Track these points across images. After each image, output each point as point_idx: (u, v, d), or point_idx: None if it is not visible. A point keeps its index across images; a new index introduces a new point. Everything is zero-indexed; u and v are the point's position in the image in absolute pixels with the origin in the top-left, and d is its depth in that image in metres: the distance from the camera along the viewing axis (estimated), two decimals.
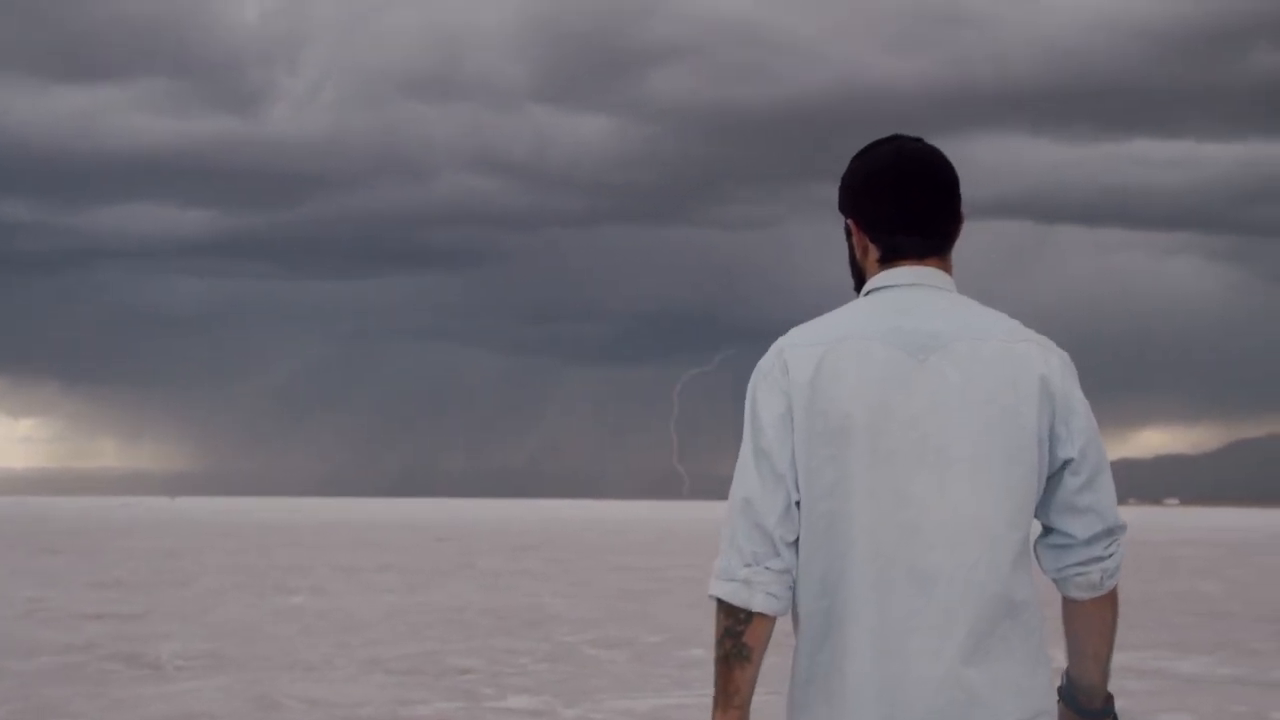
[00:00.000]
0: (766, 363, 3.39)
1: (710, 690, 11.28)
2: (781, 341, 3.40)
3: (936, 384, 3.28)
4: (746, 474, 3.33)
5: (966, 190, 3.56)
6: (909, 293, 3.40)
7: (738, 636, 3.32)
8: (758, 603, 3.28)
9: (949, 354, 3.30)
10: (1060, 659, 3.52)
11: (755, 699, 3.34)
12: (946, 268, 3.47)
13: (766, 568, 3.29)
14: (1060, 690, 3.51)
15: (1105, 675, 3.51)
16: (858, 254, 3.53)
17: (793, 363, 3.33)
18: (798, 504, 3.30)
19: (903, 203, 3.42)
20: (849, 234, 3.54)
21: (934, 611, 3.23)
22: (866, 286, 3.48)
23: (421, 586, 28.52)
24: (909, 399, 3.28)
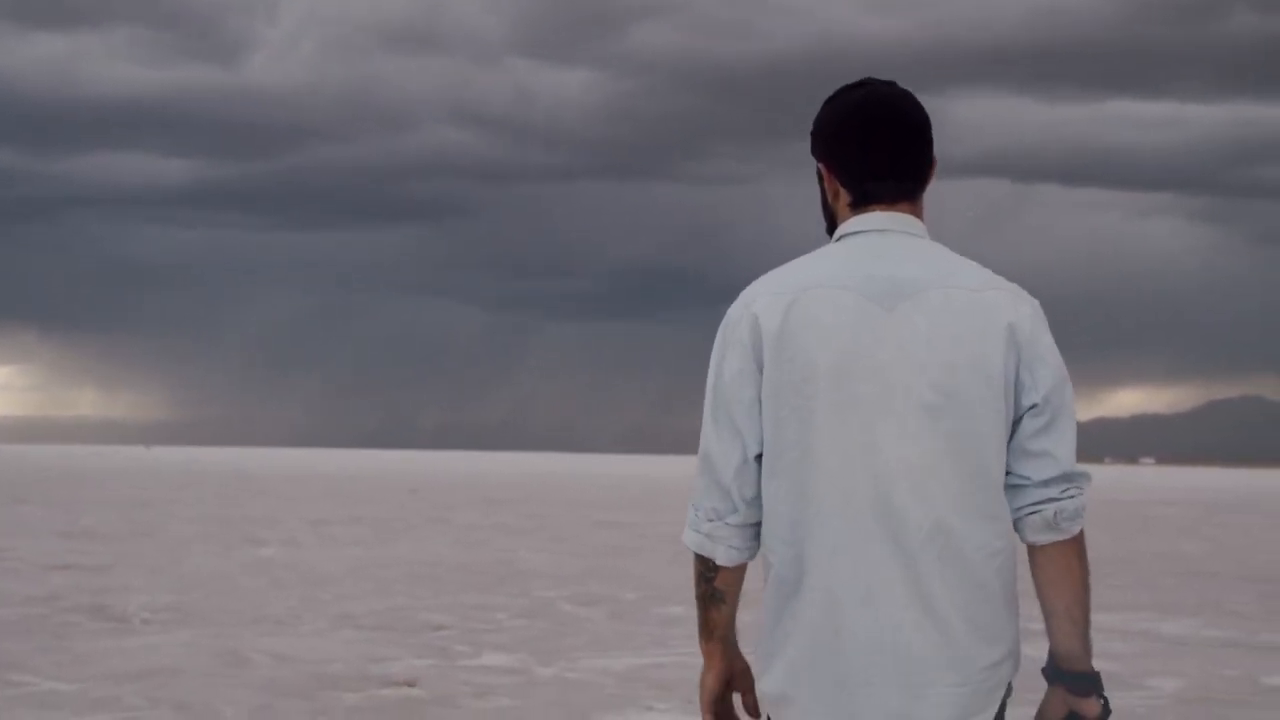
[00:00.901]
0: (734, 313, 3.40)
1: (689, 648, 10.91)
2: (749, 290, 3.40)
3: (905, 332, 3.29)
4: (706, 429, 3.40)
5: (946, 148, 3.56)
6: (880, 238, 3.40)
7: (710, 581, 3.47)
8: (720, 555, 3.41)
9: (918, 301, 3.30)
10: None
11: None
12: (918, 213, 3.47)
13: (726, 523, 3.39)
14: (1043, 669, 3.47)
15: (1083, 639, 3.41)
16: (829, 198, 3.52)
17: (760, 312, 3.33)
18: (758, 457, 3.35)
19: (873, 147, 3.42)
20: (820, 178, 3.54)
21: (903, 558, 3.26)
22: (838, 232, 3.48)
23: (393, 540, 28.16)
24: (877, 347, 3.28)
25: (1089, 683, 3.42)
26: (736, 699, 3.59)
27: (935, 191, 3.52)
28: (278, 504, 42.60)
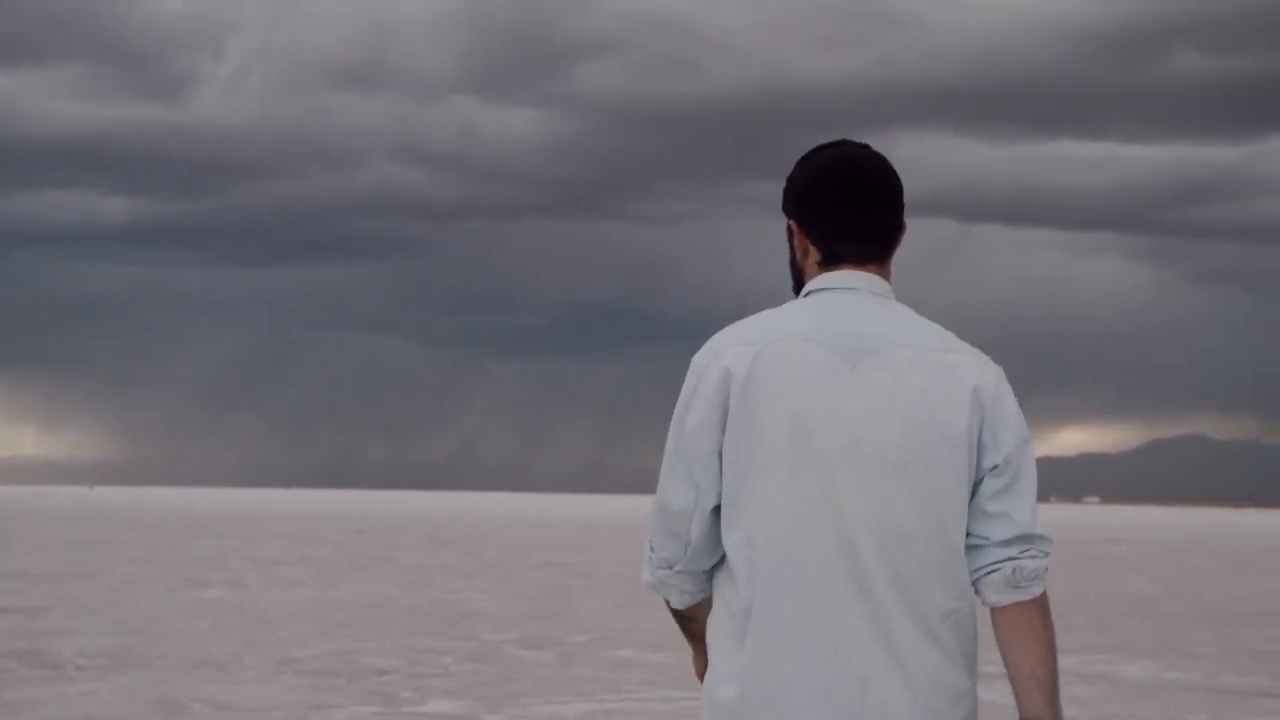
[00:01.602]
0: (700, 362, 3.39)
1: (641, 693, 10.45)
2: (716, 340, 3.41)
3: (869, 389, 3.30)
4: (664, 476, 3.41)
5: None
6: (846, 296, 3.42)
7: (677, 612, 3.55)
8: (674, 599, 3.48)
9: (882, 359, 3.32)
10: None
11: None
12: (885, 274, 3.49)
13: (674, 571, 3.42)
14: None
15: (1052, 703, 3.32)
16: (798, 255, 3.54)
17: (730, 363, 3.33)
18: (715, 510, 3.35)
19: (844, 208, 3.45)
20: (790, 235, 3.55)
21: (870, 612, 3.25)
22: (805, 288, 3.50)
23: (339, 581, 27.70)
24: (841, 402, 3.29)
25: None
26: None
27: None
28: (222, 544, 42.04)
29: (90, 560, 32.92)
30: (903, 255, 3.58)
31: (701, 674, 3.55)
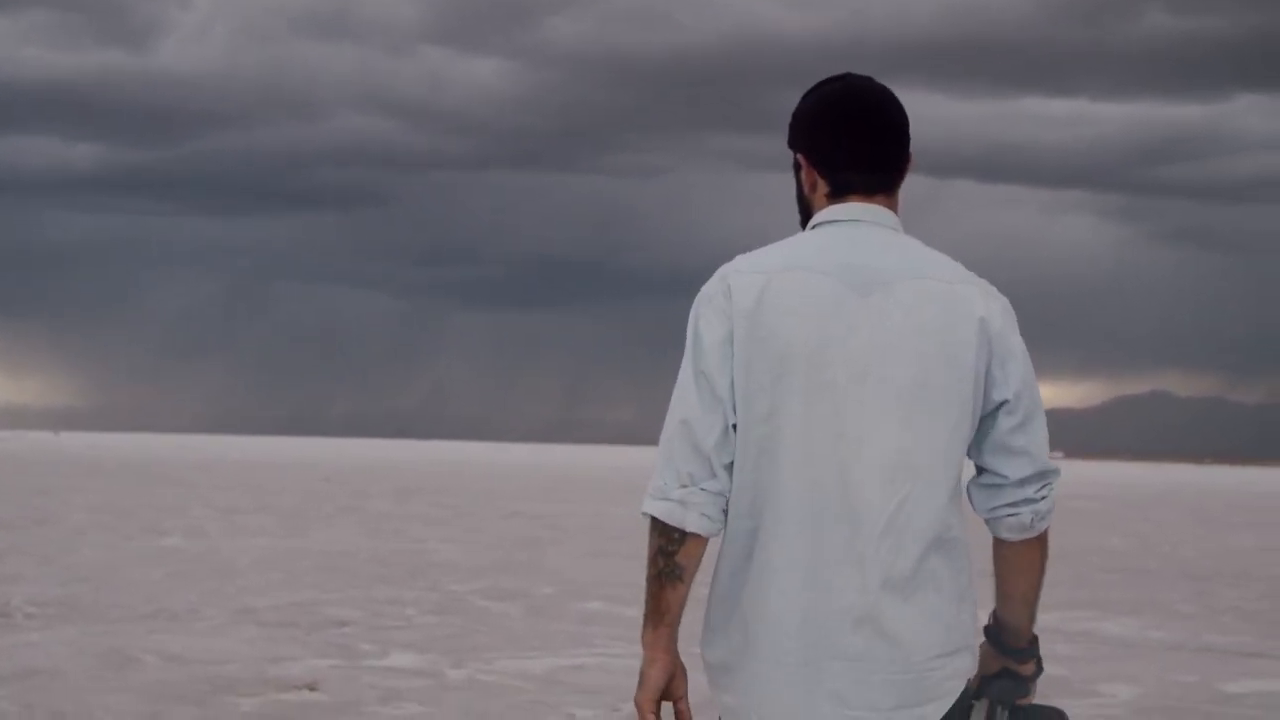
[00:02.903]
0: (710, 287, 3.40)
1: (611, 648, 9.88)
2: (726, 268, 3.41)
3: (878, 320, 3.32)
4: (686, 395, 3.36)
5: None
6: (855, 228, 3.43)
7: (670, 556, 3.38)
8: (691, 522, 3.36)
9: (892, 291, 3.34)
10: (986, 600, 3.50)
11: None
12: (893, 205, 3.50)
13: (702, 489, 3.35)
14: (986, 630, 3.56)
15: (1032, 618, 3.54)
16: (805, 189, 3.55)
17: (736, 289, 3.34)
18: (734, 427, 3.35)
19: (851, 139, 3.46)
20: (797, 169, 3.56)
21: (863, 545, 3.28)
22: (813, 220, 3.50)
23: (302, 530, 27.16)
24: (850, 333, 3.31)
25: (1028, 654, 3.58)
26: (666, 708, 3.48)
27: None
28: (184, 492, 41.43)
29: (48, 506, 32.32)
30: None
31: (654, 682, 3.44)
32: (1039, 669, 3.62)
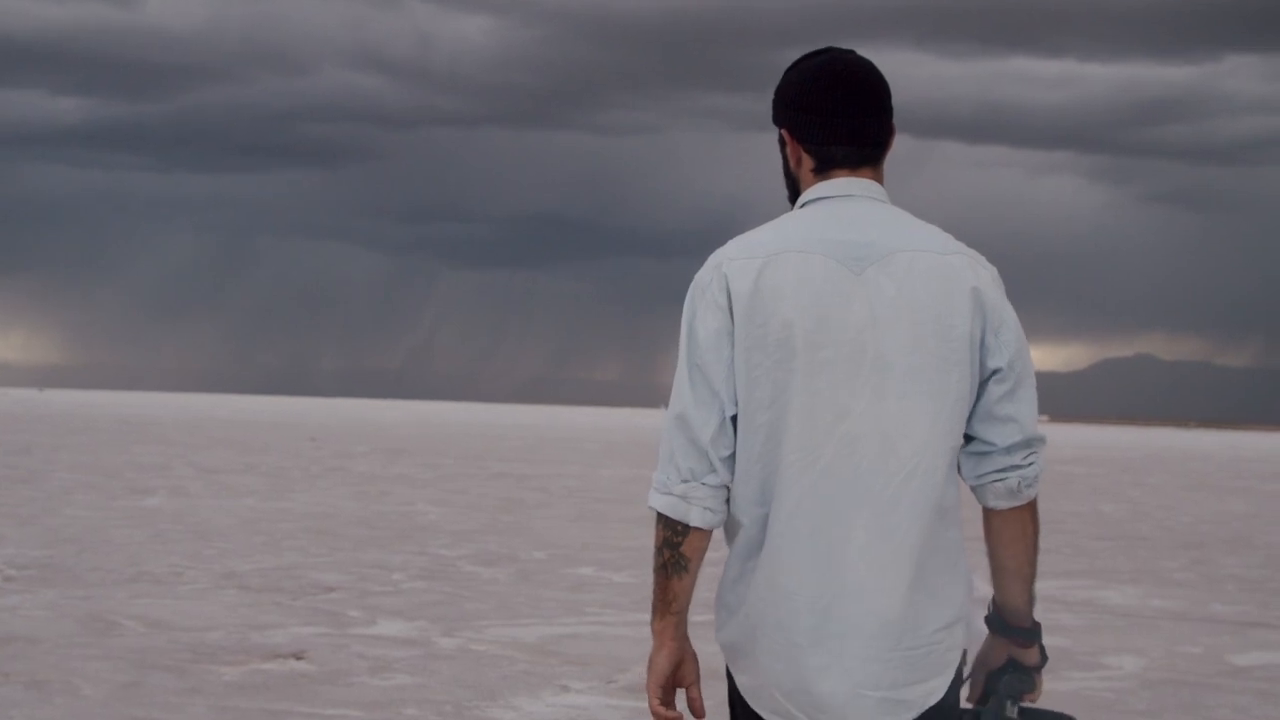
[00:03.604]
0: (704, 276, 3.44)
1: (603, 616, 9.63)
2: (719, 254, 3.44)
3: (873, 295, 3.36)
4: (682, 389, 3.41)
5: None
6: (844, 204, 3.46)
7: (675, 547, 3.44)
8: (694, 517, 3.41)
9: (885, 266, 3.37)
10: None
11: None
12: (879, 178, 3.53)
13: (702, 483, 3.39)
14: (987, 619, 3.56)
15: (1030, 596, 3.53)
16: (791, 164, 3.57)
17: (731, 276, 3.38)
18: (733, 418, 3.40)
19: (836, 113, 3.47)
20: (783, 145, 3.58)
21: (869, 521, 3.33)
22: (802, 198, 3.52)
23: (287, 491, 26.84)
24: (846, 310, 3.35)
25: (1031, 635, 3.57)
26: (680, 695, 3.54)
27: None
28: (169, 451, 41.09)
29: (30, 464, 31.97)
30: None
31: (661, 670, 3.50)
32: (1043, 658, 3.63)
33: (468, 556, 17.00)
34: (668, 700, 3.51)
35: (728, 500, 3.46)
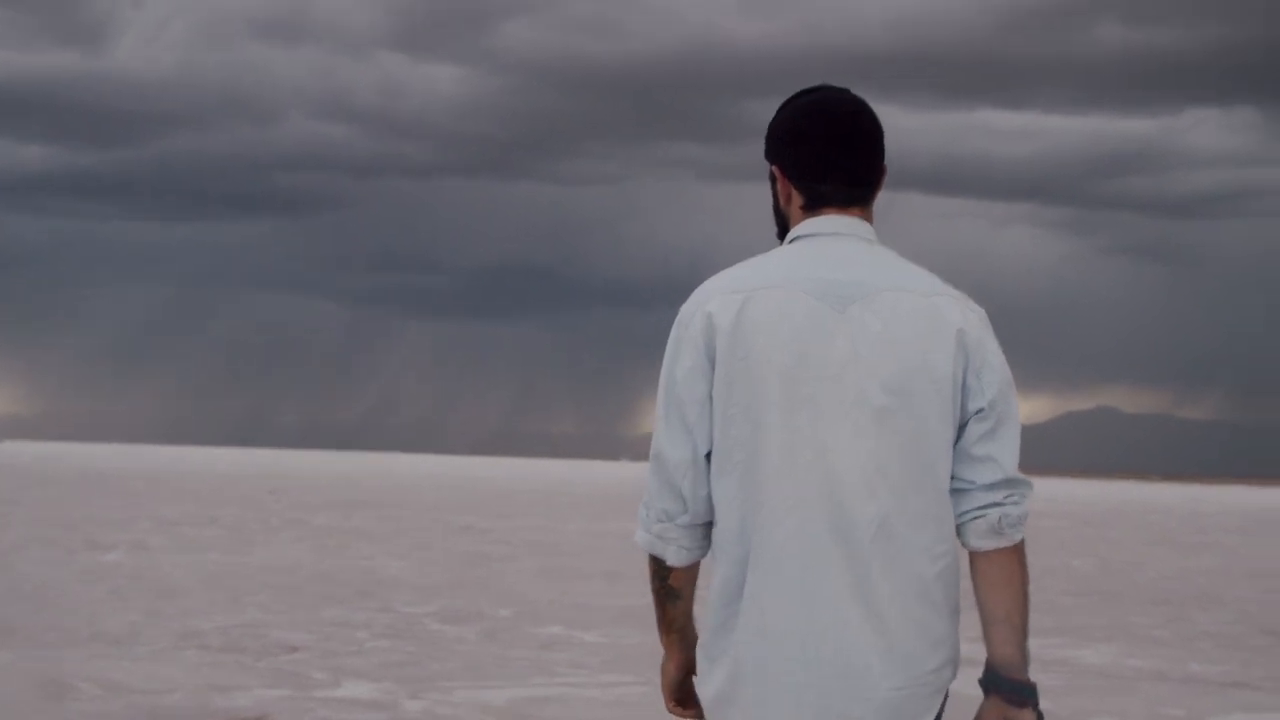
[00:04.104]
0: (687, 311, 3.42)
1: (574, 676, 12.16)
2: (703, 289, 3.42)
3: (856, 333, 3.32)
4: (658, 426, 3.41)
5: None
6: (831, 242, 3.44)
7: (664, 579, 3.52)
8: (670, 555, 3.46)
9: (869, 304, 3.34)
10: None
11: None
12: (869, 218, 3.51)
13: (675, 524, 3.41)
14: (981, 681, 3.42)
15: (1021, 647, 3.40)
16: (781, 201, 3.54)
17: (714, 311, 3.35)
18: (709, 456, 3.37)
19: (827, 151, 3.45)
20: (773, 181, 3.55)
21: (850, 559, 3.28)
22: (790, 234, 3.50)
23: (248, 545, 26.46)
24: (828, 348, 3.32)
25: (1026, 693, 3.38)
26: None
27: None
28: (128, 504, 40.65)
29: None
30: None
31: (672, 677, 3.60)
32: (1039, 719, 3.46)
33: (433, 614, 16.70)
34: (684, 701, 3.62)
35: (708, 535, 3.46)
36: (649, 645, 14.40)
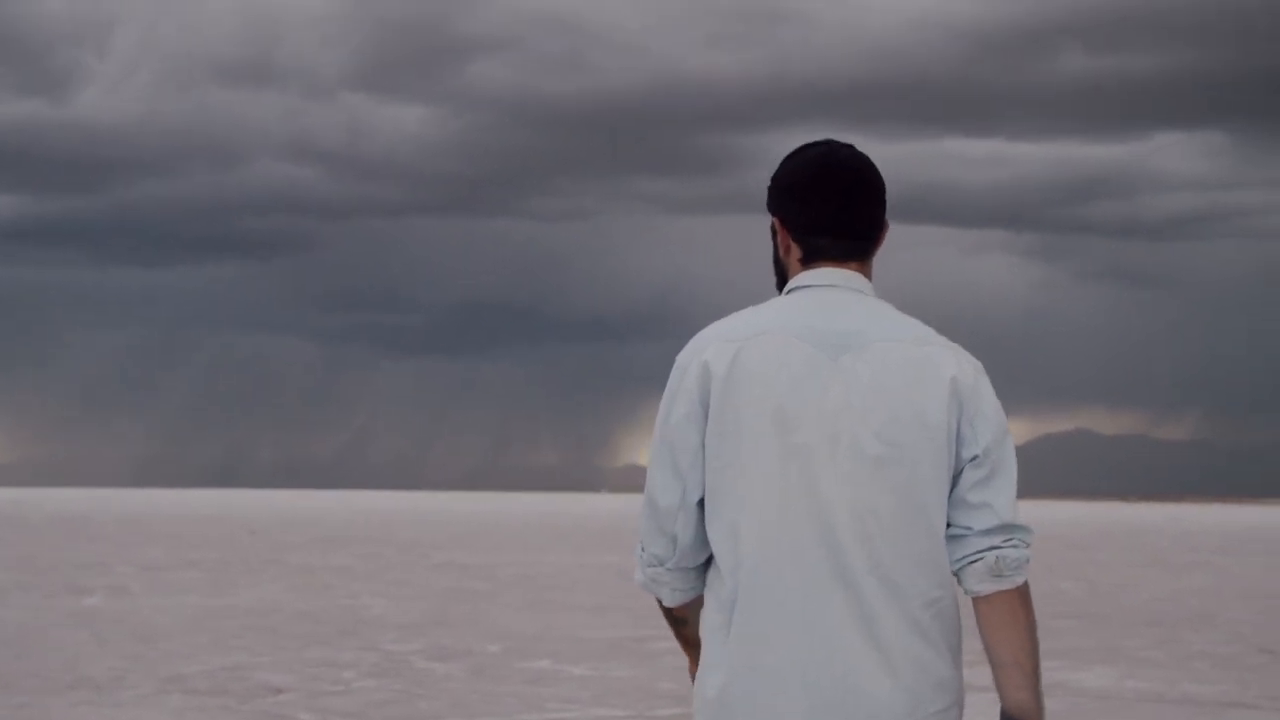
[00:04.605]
0: (684, 358, 3.44)
1: (563, 712, 9.10)
2: (699, 337, 3.45)
3: (849, 382, 3.34)
4: (651, 472, 3.45)
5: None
6: (827, 293, 3.47)
7: (669, 612, 3.56)
8: (665, 598, 3.50)
9: (862, 354, 3.37)
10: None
11: None
12: (867, 272, 3.55)
13: (665, 569, 3.43)
14: None
15: (1034, 690, 3.35)
16: (781, 252, 3.58)
17: (710, 359, 3.38)
18: (700, 502, 3.38)
19: (826, 206, 3.48)
20: (774, 232, 3.58)
21: (852, 602, 3.27)
22: (788, 285, 3.54)
23: (229, 586, 26.20)
24: (821, 396, 3.34)
25: None
26: None
27: (765, 227, 3.59)
28: (107, 548, 40.34)
29: None
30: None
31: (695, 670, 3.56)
32: None
33: (419, 651, 16.47)
34: None
35: (701, 575, 3.46)
36: (639, 678, 14.20)
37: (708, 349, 3.41)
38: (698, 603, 3.50)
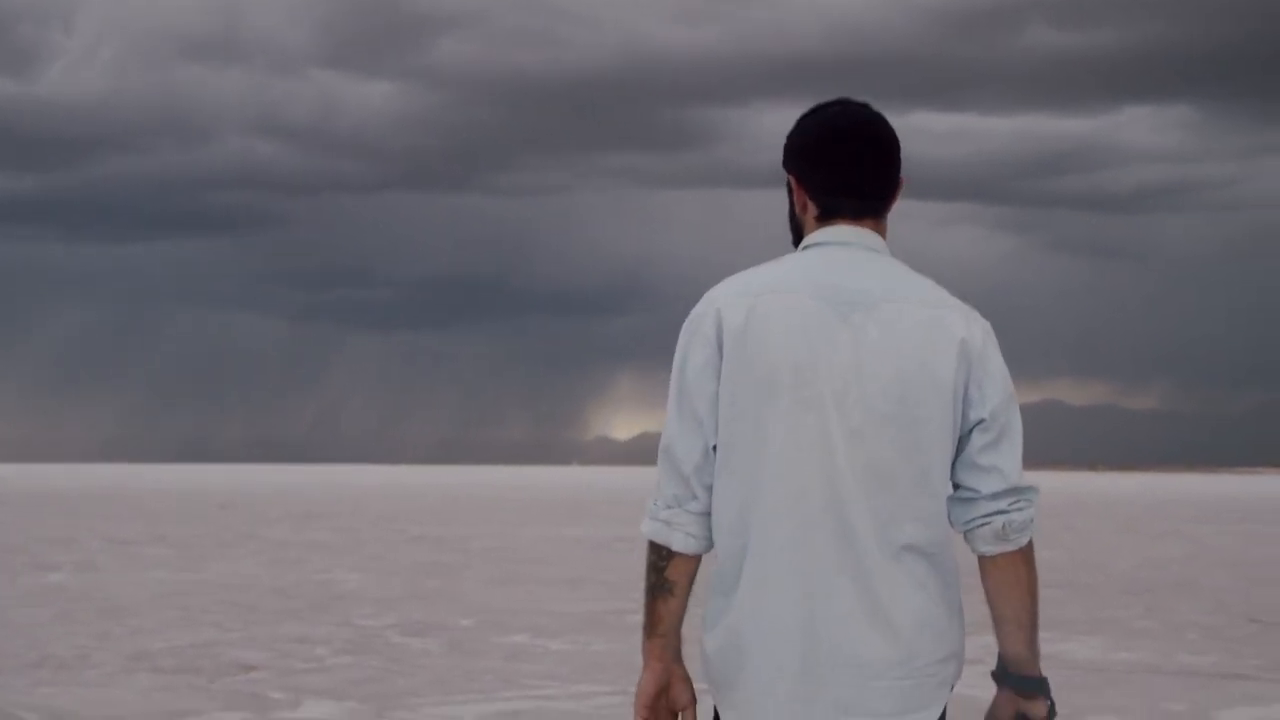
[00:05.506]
0: (698, 311, 3.50)
1: (543, 689, 8.55)
2: (713, 291, 3.52)
3: (859, 339, 3.41)
4: (669, 420, 3.51)
5: (749, 160, 4.96)
6: (841, 251, 3.53)
7: (661, 571, 3.53)
8: (676, 542, 3.51)
9: (873, 312, 3.43)
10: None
11: None
12: (881, 230, 3.61)
13: (685, 509, 3.49)
14: (993, 674, 3.56)
15: (1032, 645, 3.50)
16: (797, 209, 3.64)
17: (724, 312, 3.45)
18: (714, 448, 3.46)
19: (842, 164, 3.55)
20: (790, 189, 3.64)
21: (852, 556, 3.36)
22: (803, 242, 3.60)
23: (200, 562, 25.77)
24: (832, 352, 3.41)
25: (1037, 685, 3.51)
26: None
27: (734, 201, 4.61)
28: (75, 523, 39.87)
29: None
30: (765, 229, 3.64)
31: (648, 691, 3.52)
32: (1052, 712, 3.56)
33: (394, 626, 16.09)
34: (657, 717, 3.54)
35: (711, 528, 3.50)
36: (619, 652, 13.84)
37: (722, 300, 3.47)
38: (692, 571, 3.54)
